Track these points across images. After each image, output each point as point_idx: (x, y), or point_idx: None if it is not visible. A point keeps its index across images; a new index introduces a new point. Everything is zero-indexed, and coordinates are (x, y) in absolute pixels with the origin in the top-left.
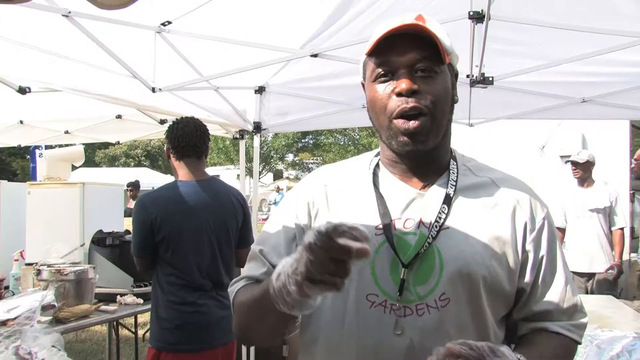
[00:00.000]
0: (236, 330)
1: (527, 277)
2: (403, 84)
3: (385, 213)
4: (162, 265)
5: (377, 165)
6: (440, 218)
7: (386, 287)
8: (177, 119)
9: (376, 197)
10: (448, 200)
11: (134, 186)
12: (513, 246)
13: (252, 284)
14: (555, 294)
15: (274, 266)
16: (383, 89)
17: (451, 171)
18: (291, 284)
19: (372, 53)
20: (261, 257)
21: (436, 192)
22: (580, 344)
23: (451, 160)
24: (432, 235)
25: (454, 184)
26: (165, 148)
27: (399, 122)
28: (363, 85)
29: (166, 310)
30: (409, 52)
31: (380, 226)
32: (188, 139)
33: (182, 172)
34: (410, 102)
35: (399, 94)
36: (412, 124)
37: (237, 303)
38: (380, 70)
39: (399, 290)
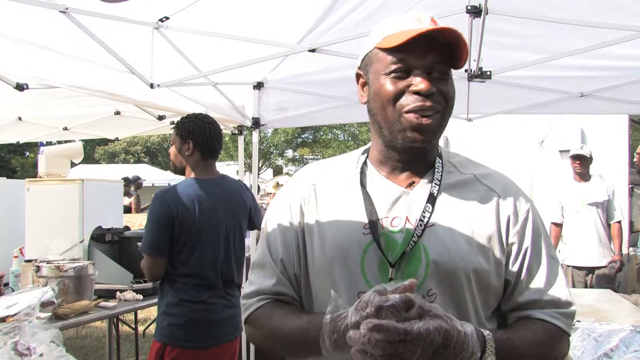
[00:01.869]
0: (259, 343)
1: (512, 269)
2: (422, 84)
3: (372, 212)
4: (175, 264)
5: (365, 163)
6: (424, 217)
7: (375, 284)
8: (195, 115)
9: (363, 197)
10: (432, 199)
11: (128, 181)
12: (498, 240)
13: (273, 305)
14: (540, 284)
15: (283, 275)
16: (397, 84)
17: (436, 169)
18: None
19: (390, 48)
20: (271, 266)
21: (421, 191)
22: (568, 333)
23: (437, 157)
24: (417, 234)
25: (438, 182)
26: (179, 144)
27: (411, 117)
28: (359, 75)
29: (176, 307)
30: (429, 54)
31: (368, 226)
32: (217, 140)
33: (198, 171)
34: (428, 102)
35: (417, 93)
36: (426, 120)
37: (264, 323)
38: (398, 65)
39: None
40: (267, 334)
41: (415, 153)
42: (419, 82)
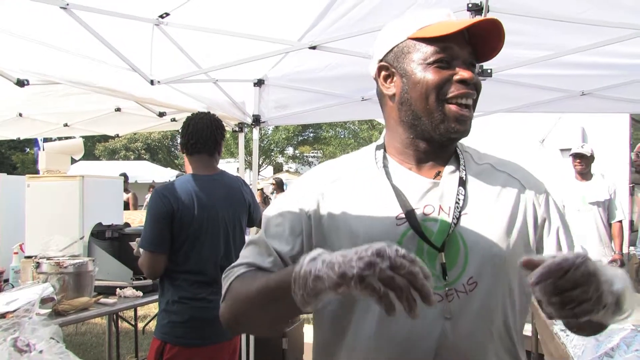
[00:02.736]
0: (229, 316)
1: (549, 250)
2: (466, 73)
3: (406, 202)
4: (175, 261)
5: (385, 158)
6: (459, 200)
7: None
8: (192, 114)
9: (393, 189)
10: (463, 183)
11: (127, 178)
12: (528, 224)
13: (258, 271)
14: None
15: (280, 256)
16: (442, 73)
17: (460, 157)
18: (331, 273)
19: (433, 38)
20: (267, 245)
21: (450, 179)
22: None
23: (456, 147)
24: (455, 216)
25: (464, 168)
26: (179, 142)
27: (453, 108)
28: (384, 67)
29: (176, 305)
30: (466, 47)
31: (402, 215)
32: (198, 136)
33: (194, 167)
34: (471, 90)
35: (463, 82)
36: (467, 112)
37: (237, 290)
38: (442, 55)
39: (443, 275)
40: (235, 295)
41: (446, 144)
42: (464, 72)
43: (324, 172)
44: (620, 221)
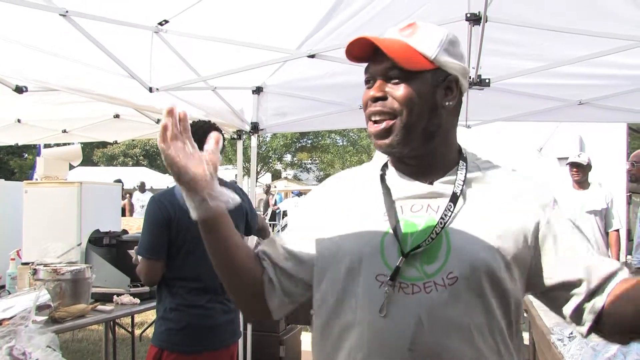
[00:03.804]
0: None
1: (564, 259)
2: (371, 92)
3: (390, 200)
4: (172, 268)
5: (386, 164)
6: (445, 215)
7: (394, 267)
8: (193, 121)
9: (382, 189)
10: (454, 199)
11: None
12: (530, 229)
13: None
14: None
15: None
16: (365, 92)
17: (459, 170)
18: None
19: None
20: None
21: (443, 187)
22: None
23: (460, 160)
24: (441, 222)
25: (462, 182)
26: None
27: (370, 125)
28: None
29: (173, 312)
30: (384, 61)
31: (386, 214)
32: (198, 143)
33: None
34: (374, 107)
35: (369, 99)
36: (376, 127)
37: None
38: (365, 76)
39: (390, 277)
40: None
41: (413, 158)
42: (371, 89)
43: (337, 182)
44: (617, 230)
